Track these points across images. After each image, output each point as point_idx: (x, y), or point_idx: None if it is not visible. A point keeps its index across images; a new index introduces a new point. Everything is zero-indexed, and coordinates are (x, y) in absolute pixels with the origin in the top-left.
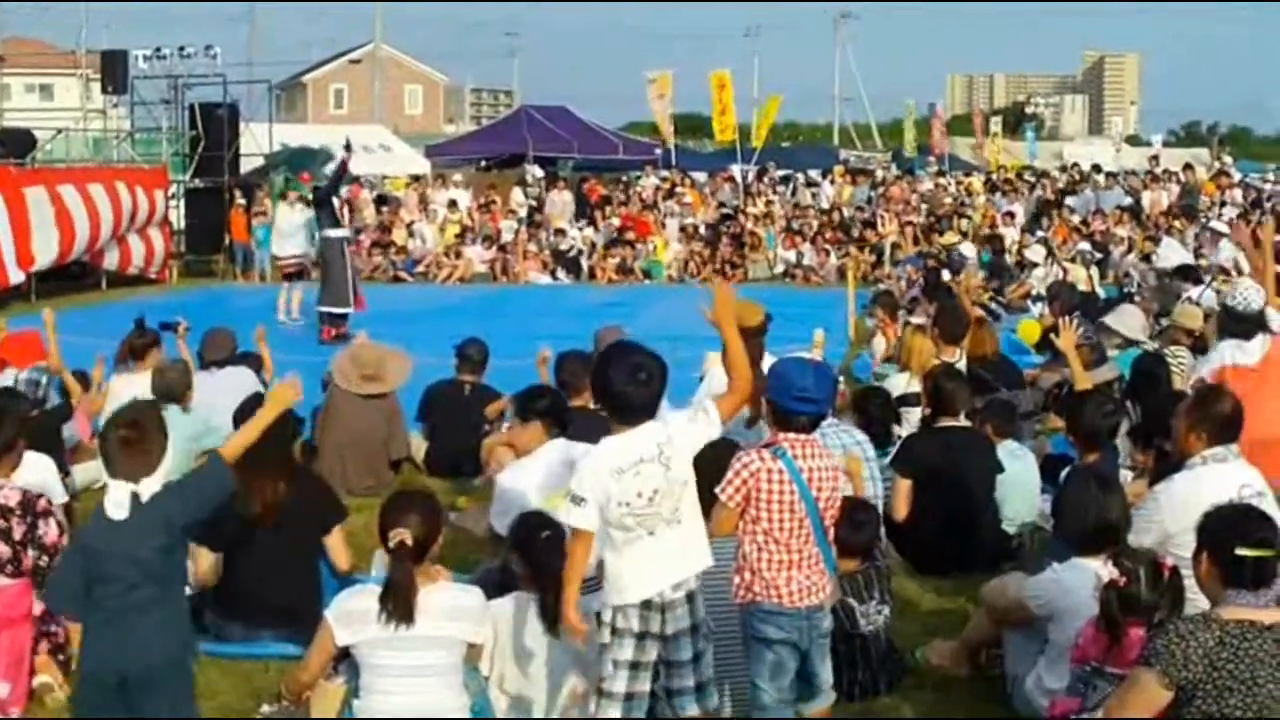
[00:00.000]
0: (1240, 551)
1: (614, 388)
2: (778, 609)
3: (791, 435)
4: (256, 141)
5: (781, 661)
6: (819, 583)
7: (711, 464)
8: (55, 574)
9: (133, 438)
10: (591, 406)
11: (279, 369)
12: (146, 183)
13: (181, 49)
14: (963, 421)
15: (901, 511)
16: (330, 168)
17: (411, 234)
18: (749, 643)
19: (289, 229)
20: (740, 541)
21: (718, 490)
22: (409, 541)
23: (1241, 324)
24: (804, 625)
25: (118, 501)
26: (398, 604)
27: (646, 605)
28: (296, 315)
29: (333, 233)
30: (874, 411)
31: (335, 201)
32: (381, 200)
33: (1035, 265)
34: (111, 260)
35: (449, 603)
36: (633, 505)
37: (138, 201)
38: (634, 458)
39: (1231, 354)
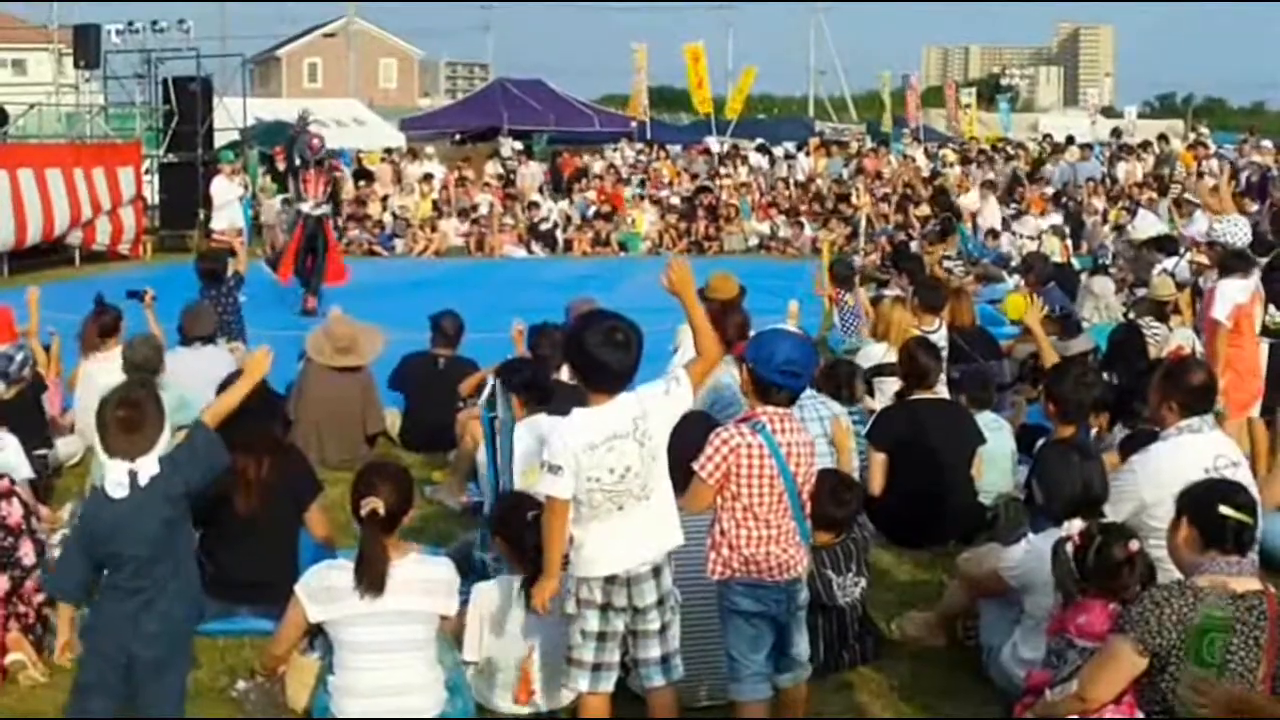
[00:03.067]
0: (1224, 510)
1: (589, 352)
2: (758, 583)
3: (770, 409)
4: (230, 116)
5: (760, 634)
6: (796, 556)
7: (678, 436)
8: (61, 561)
9: (131, 417)
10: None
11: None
12: (119, 159)
13: (154, 23)
14: (938, 393)
15: (877, 484)
16: (315, 142)
17: (385, 208)
18: (726, 616)
19: (221, 202)
20: (717, 517)
21: (695, 466)
22: (380, 510)
23: (1240, 260)
24: (782, 598)
25: (117, 481)
26: (369, 573)
27: (611, 580)
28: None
29: (302, 206)
30: (840, 381)
31: (307, 174)
32: (360, 174)
33: (996, 234)
34: (75, 238)
35: (420, 575)
36: (603, 481)
37: (96, 191)
38: (607, 432)
39: (1238, 293)
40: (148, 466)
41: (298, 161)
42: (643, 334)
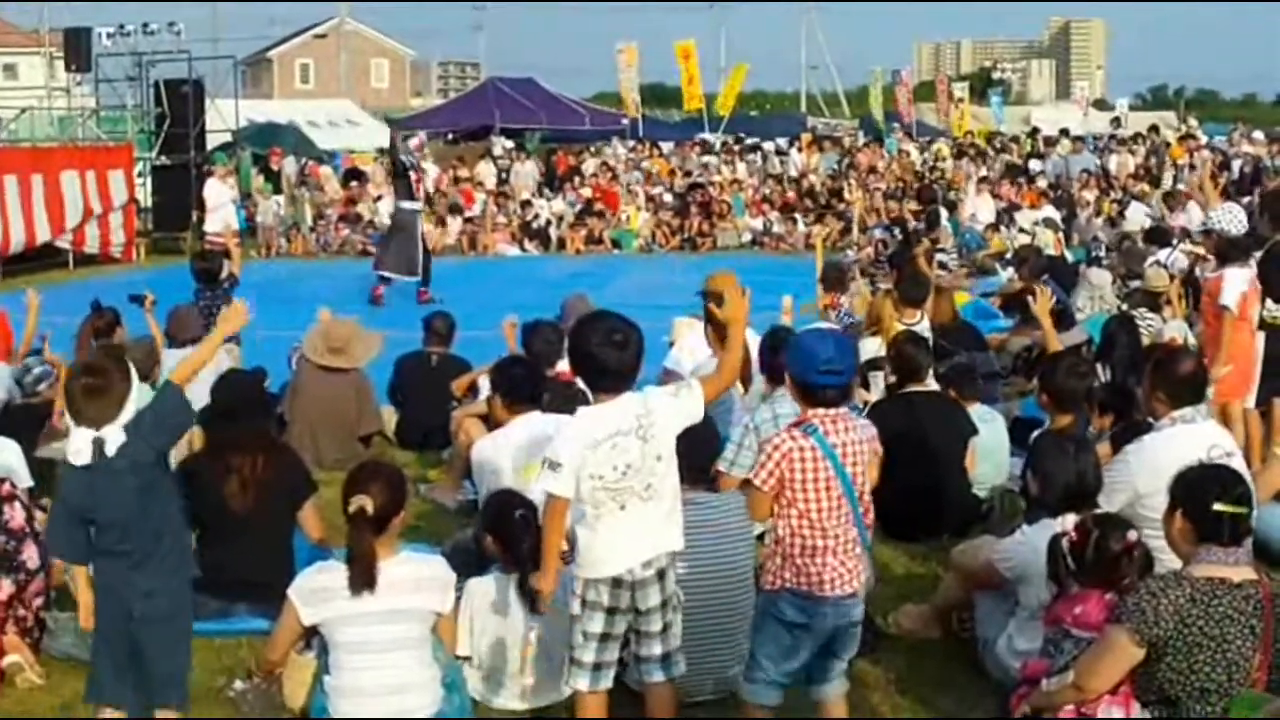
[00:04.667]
0: (1217, 507)
1: (591, 352)
2: (807, 595)
3: (821, 411)
4: (222, 118)
5: (796, 646)
6: (855, 569)
7: (688, 442)
8: (50, 527)
9: (96, 384)
10: (564, 378)
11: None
12: (111, 162)
13: (145, 25)
14: (929, 386)
15: (871, 478)
16: (414, 143)
17: (377, 211)
18: (764, 619)
19: (215, 204)
20: (774, 526)
21: (750, 475)
22: (369, 509)
23: (1240, 250)
24: (830, 613)
25: (77, 449)
26: (359, 572)
27: (617, 583)
28: None
29: (406, 204)
30: None
31: (412, 176)
32: (351, 175)
33: (992, 226)
34: (67, 242)
35: (412, 574)
36: (606, 478)
37: (89, 194)
38: (611, 429)
39: (1242, 281)
40: (114, 435)
41: (406, 164)
42: (642, 333)
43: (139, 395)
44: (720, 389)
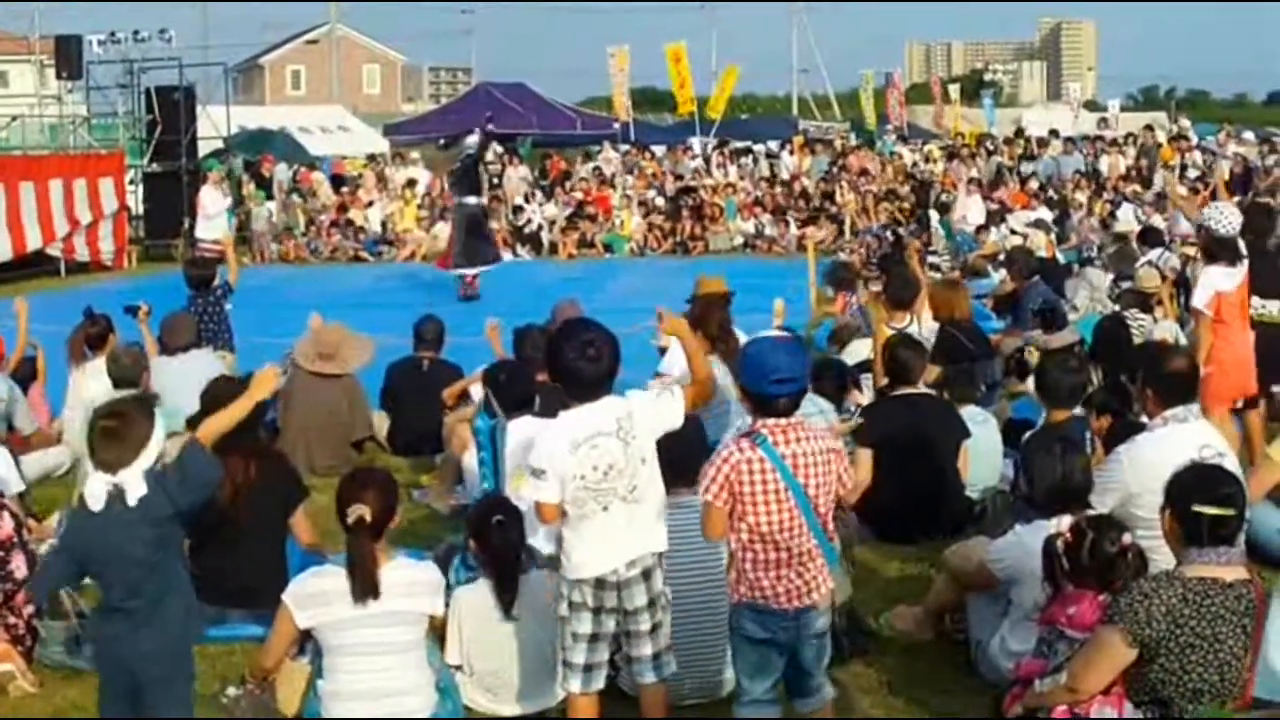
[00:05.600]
0: (1196, 509)
1: (565, 362)
2: (764, 609)
3: (771, 421)
4: (214, 124)
5: (765, 661)
6: (813, 582)
7: (676, 445)
8: (41, 573)
9: (113, 428)
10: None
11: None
12: (102, 170)
13: (136, 33)
14: (921, 389)
15: (863, 480)
16: (472, 140)
17: (368, 217)
18: (733, 639)
19: (214, 211)
20: (728, 541)
21: (700, 490)
22: (367, 518)
23: (1226, 248)
24: (791, 627)
25: (94, 493)
26: (362, 579)
27: (600, 584)
28: None
29: (470, 200)
30: (827, 386)
31: (480, 170)
32: (338, 181)
33: (982, 228)
34: (57, 250)
35: (405, 578)
36: (587, 479)
37: (80, 202)
38: (590, 431)
39: (1222, 281)
40: (133, 484)
41: (469, 160)
42: (618, 341)
43: (160, 429)
44: (696, 395)
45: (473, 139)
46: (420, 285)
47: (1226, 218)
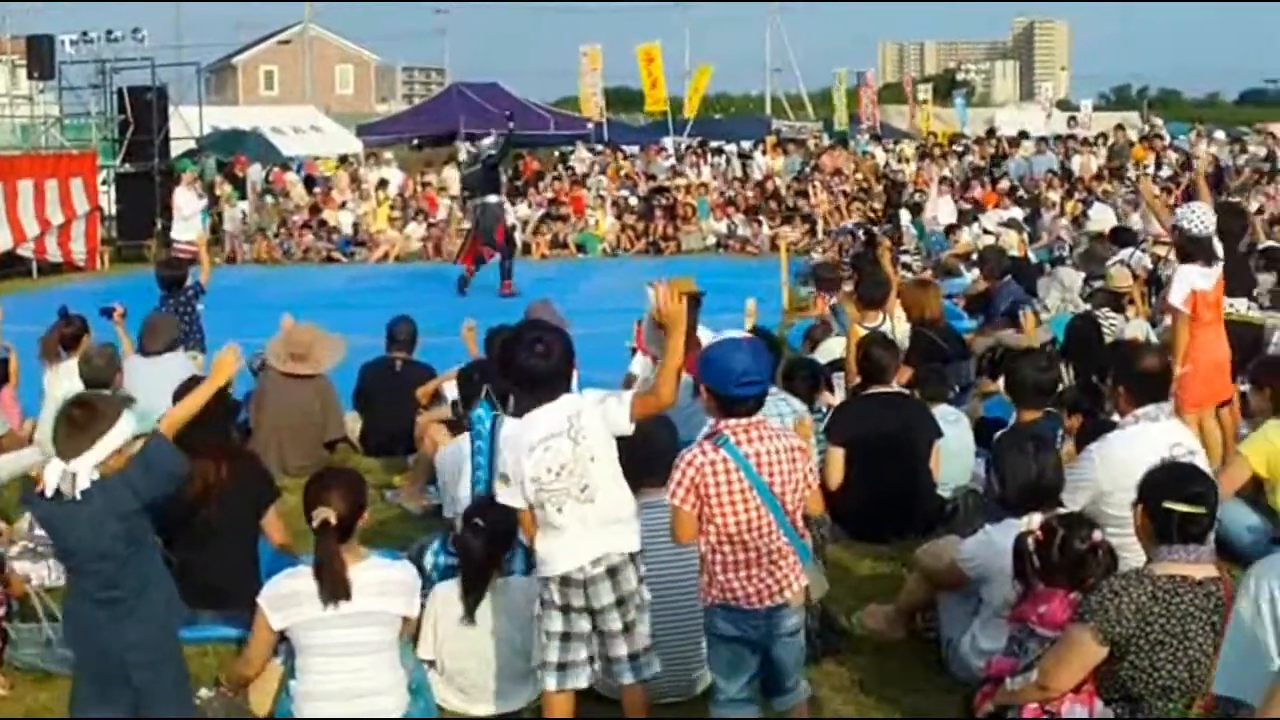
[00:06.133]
0: (1168, 506)
1: (518, 363)
2: (735, 609)
3: (733, 421)
4: (186, 125)
5: (739, 659)
6: (785, 580)
7: (646, 445)
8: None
9: (77, 417)
10: None
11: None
12: (74, 170)
13: (109, 32)
14: (894, 388)
15: (835, 479)
16: (489, 141)
17: (340, 218)
18: (708, 638)
19: (189, 212)
20: (698, 544)
21: (667, 496)
22: (332, 520)
23: (1200, 248)
24: (763, 625)
25: (50, 479)
26: (330, 582)
27: (566, 581)
28: None
29: (491, 199)
30: (799, 385)
31: (499, 171)
32: (310, 181)
33: (957, 227)
34: (28, 250)
35: (378, 578)
36: (541, 480)
37: (53, 203)
38: (544, 432)
39: (1198, 279)
40: (83, 473)
41: (488, 160)
42: (571, 342)
43: (125, 426)
44: (655, 406)
45: (488, 141)
46: (390, 287)
47: (1200, 218)
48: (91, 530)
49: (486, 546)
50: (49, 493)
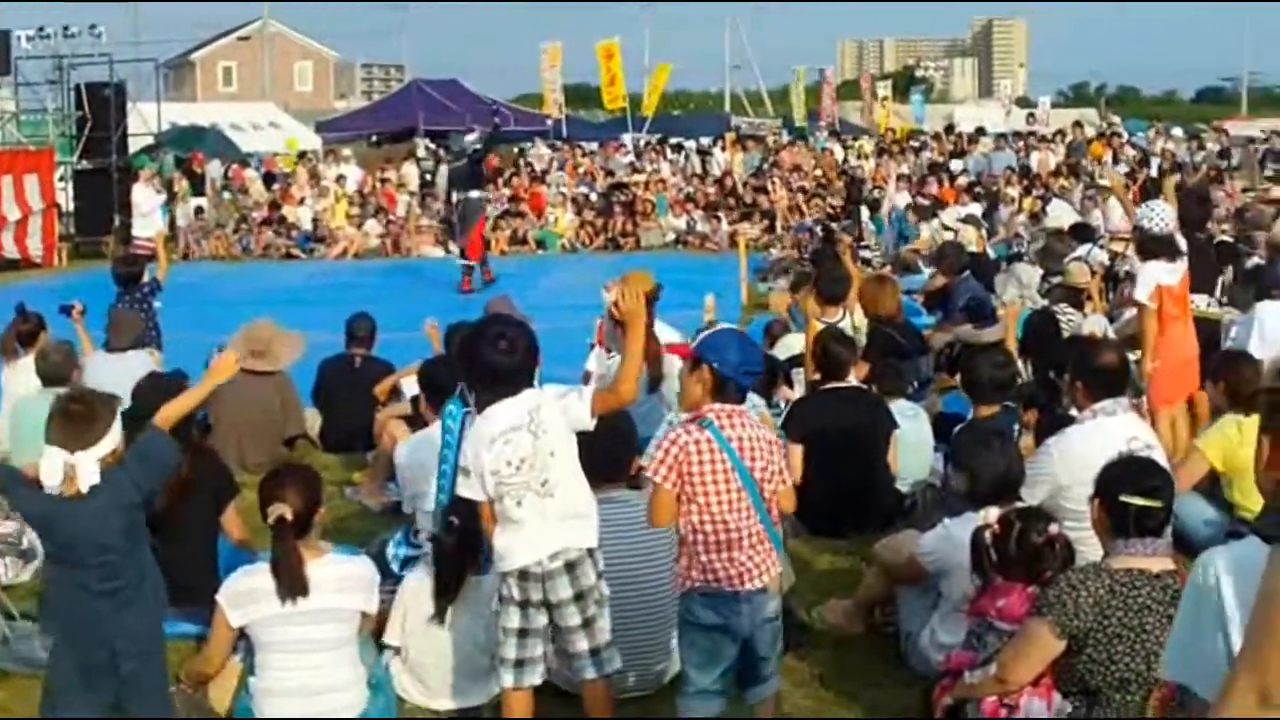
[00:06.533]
0: (1124, 499)
1: (481, 358)
2: (716, 593)
3: (717, 406)
4: (144, 121)
5: (716, 649)
6: (763, 564)
7: (607, 439)
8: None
9: (80, 411)
10: None
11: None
12: (31, 166)
13: (66, 28)
14: (852, 382)
15: (794, 475)
16: (472, 137)
17: (299, 214)
18: (682, 628)
19: (148, 209)
20: (678, 526)
21: (648, 473)
22: (288, 516)
23: (1162, 245)
24: (744, 610)
25: (49, 470)
26: (288, 578)
27: (524, 575)
28: None
29: (475, 194)
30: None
31: (483, 166)
32: (270, 177)
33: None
34: None
35: (336, 574)
36: (501, 474)
37: (8, 199)
38: (504, 425)
39: (1163, 275)
40: (87, 466)
41: (473, 155)
42: (534, 337)
43: (118, 424)
44: (614, 403)
45: (472, 136)
46: (349, 284)
47: (1159, 215)
48: (95, 524)
49: (456, 547)
50: (52, 485)
